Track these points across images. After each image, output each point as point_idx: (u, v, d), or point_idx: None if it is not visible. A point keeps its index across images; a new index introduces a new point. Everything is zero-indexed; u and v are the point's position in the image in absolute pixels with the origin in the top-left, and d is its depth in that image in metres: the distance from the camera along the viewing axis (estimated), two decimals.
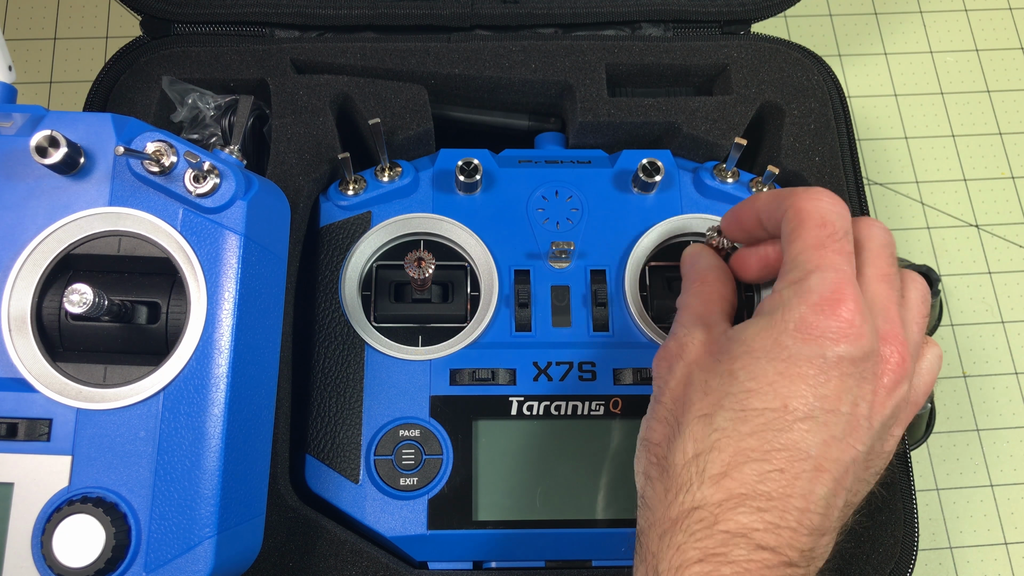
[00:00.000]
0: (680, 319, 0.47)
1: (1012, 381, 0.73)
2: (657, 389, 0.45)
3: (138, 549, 0.41)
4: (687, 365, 0.44)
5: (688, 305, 0.47)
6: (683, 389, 0.43)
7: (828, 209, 0.42)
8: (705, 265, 0.50)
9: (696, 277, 0.49)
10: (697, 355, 0.44)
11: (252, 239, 0.45)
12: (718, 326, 0.45)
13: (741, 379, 0.40)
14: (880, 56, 0.83)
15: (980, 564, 0.68)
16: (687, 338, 0.45)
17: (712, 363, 0.42)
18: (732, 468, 0.39)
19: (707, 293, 0.48)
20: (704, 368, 0.42)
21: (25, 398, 0.42)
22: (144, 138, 0.43)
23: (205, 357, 0.43)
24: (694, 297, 0.48)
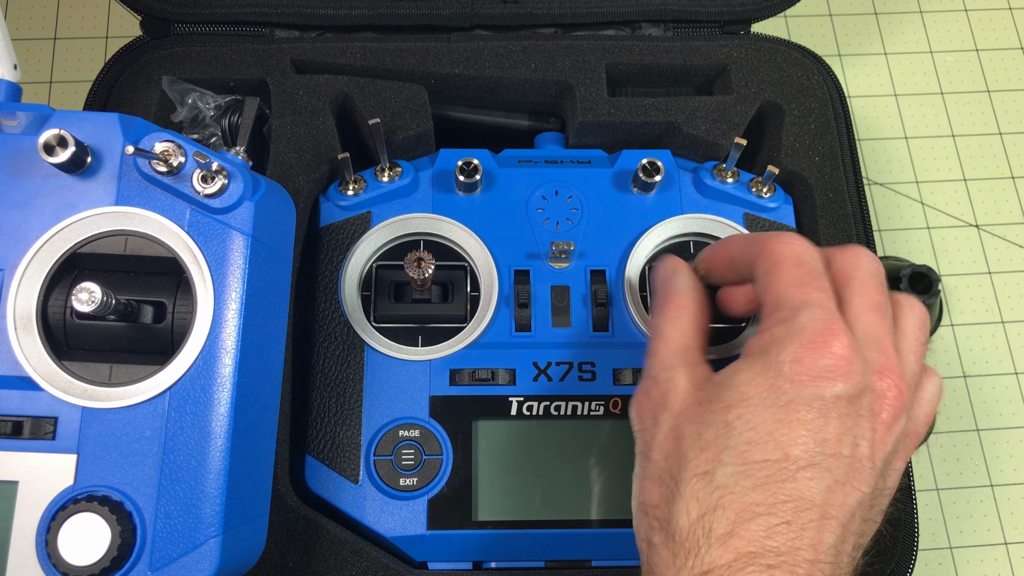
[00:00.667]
0: (656, 353, 0.44)
1: (1012, 381, 0.73)
2: (643, 443, 0.42)
3: (143, 548, 0.41)
4: (674, 416, 0.41)
5: (664, 335, 0.44)
6: (674, 444, 0.40)
7: (802, 251, 0.42)
8: (683, 286, 0.46)
9: (672, 299, 0.46)
10: (684, 404, 0.41)
11: (259, 240, 0.45)
12: (699, 366, 0.43)
13: (738, 430, 0.38)
14: (880, 56, 0.83)
15: (980, 564, 0.68)
16: (669, 384, 0.42)
17: (703, 413, 0.40)
18: (738, 526, 0.37)
19: (684, 322, 0.45)
20: (694, 419, 0.40)
21: (30, 396, 0.42)
22: (152, 138, 0.43)
23: (211, 357, 0.43)
24: (670, 326, 0.45)
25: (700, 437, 0.39)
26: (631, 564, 0.53)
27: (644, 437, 0.42)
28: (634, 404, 0.44)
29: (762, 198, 0.59)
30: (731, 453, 0.38)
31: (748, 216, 0.59)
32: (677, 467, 0.39)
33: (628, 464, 0.53)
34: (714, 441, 0.39)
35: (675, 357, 0.43)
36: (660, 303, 0.47)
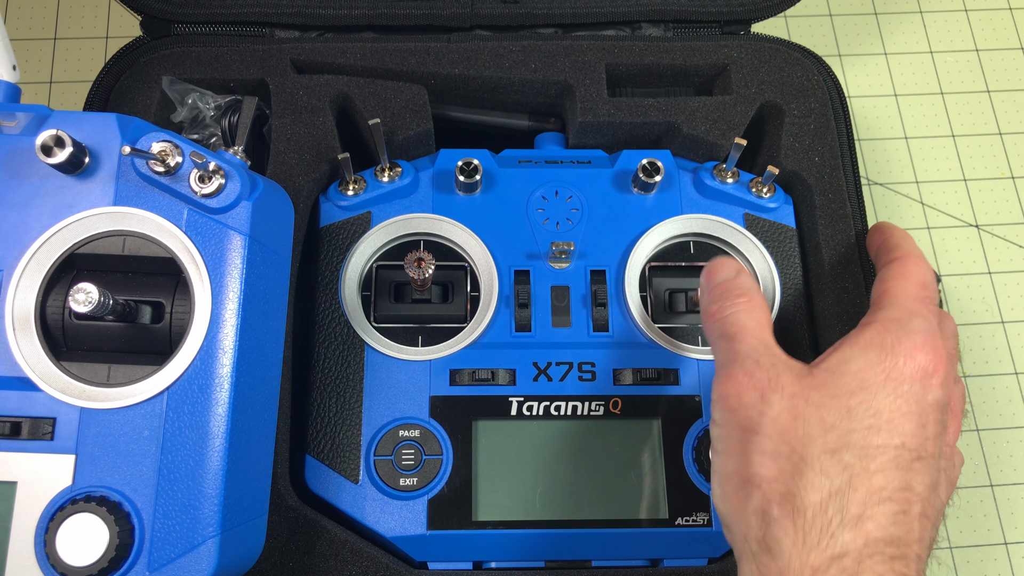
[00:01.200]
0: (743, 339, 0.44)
1: (1012, 381, 0.73)
2: (745, 418, 0.41)
3: (141, 548, 0.41)
4: (789, 397, 0.40)
5: (744, 325, 0.44)
6: (792, 422, 0.40)
7: (931, 279, 0.46)
8: (750, 285, 0.47)
9: (741, 293, 0.46)
10: (796, 387, 0.41)
11: (256, 239, 0.45)
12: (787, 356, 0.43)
13: (860, 415, 0.39)
14: (880, 56, 0.83)
15: (980, 564, 0.68)
16: (776, 369, 0.42)
17: (822, 397, 0.40)
18: (868, 508, 0.37)
19: (761, 317, 0.45)
20: (814, 402, 0.40)
21: (29, 397, 0.42)
22: (149, 138, 0.43)
23: (209, 357, 0.43)
24: (748, 318, 0.45)
25: (823, 419, 0.40)
26: (631, 564, 0.53)
27: (748, 414, 0.41)
28: (729, 384, 0.42)
29: (762, 198, 0.59)
30: (856, 436, 0.39)
31: (748, 216, 0.59)
32: (800, 443, 0.39)
33: (628, 464, 0.53)
34: (837, 424, 0.39)
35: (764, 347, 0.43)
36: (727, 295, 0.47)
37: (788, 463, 0.39)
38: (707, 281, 0.49)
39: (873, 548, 0.36)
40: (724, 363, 0.44)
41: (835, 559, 0.36)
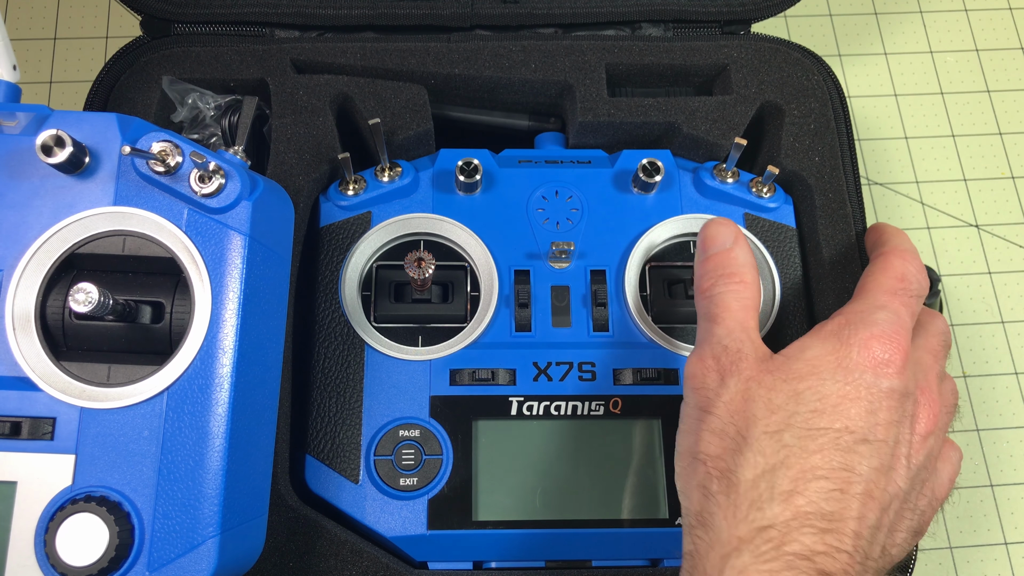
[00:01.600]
0: (721, 321, 0.46)
1: (1012, 381, 0.73)
2: (704, 399, 0.44)
3: (141, 548, 0.41)
4: (744, 380, 0.43)
5: (729, 307, 0.46)
6: (743, 404, 0.42)
7: (913, 272, 0.47)
8: (744, 262, 0.48)
9: (734, 272, 0.48)
10: (753, 371, 0.43)
11: (256, 239, 0.45)
12: (760, 344, 0.45)
13: (807, 398, 0.41)
14: (880, 56, 0.83)
15: (980, 564, 0.68)
16: (739, 354, 0.44)
17: (774, 380, 0.42)
18: (799, 484, 0.39)
19: (747, 298, 0.47)
20: (764, 385, 0.42)
21: (28, 397, 0.42)
22: (149, 138, 0.43)
23: (209, 357, 0.43)
24: (734, 299, 0.47)
25: (771, 401, 0.42)
26: (631, 564, 0.53)
27: (706, 395, 0.44)
28: (697, 364, 0.45)
29: (762, 198, 0.59)
30: (798, 418, 0.41)
31: (748, 216, 0.59)
32: (744, 424, 0.42)
33: (628, 464, 0.53)
34: (783, 406, 0.41)
35: (740, 331, 0.45)
36: (719, 271, 0.48)
37: (732, 442, 0.42)
38: (703, 248, 0.50)
39: (802, 521, 0.38)
40: (700, 342, 0.47)
41: (761, 530, 0.39)
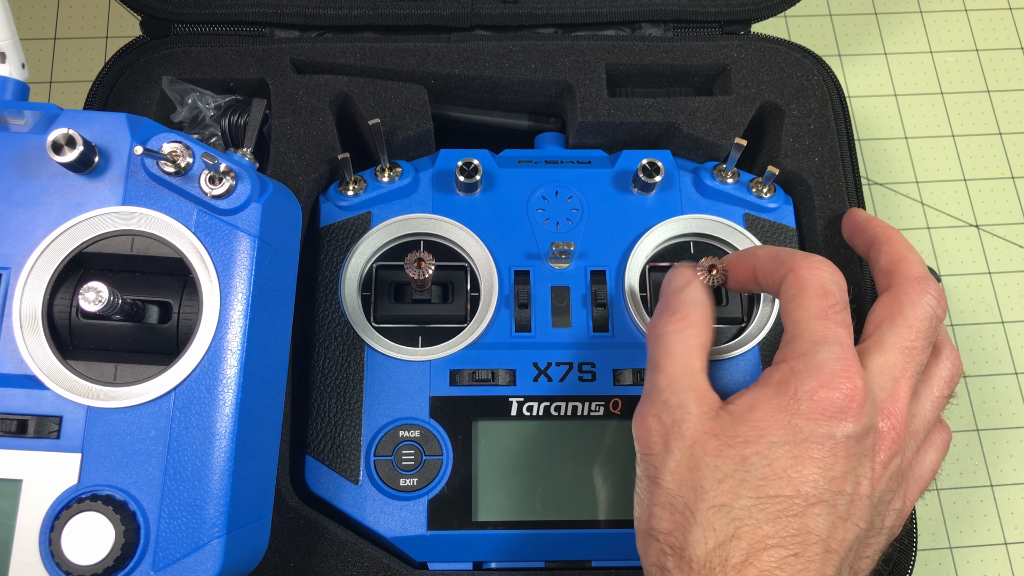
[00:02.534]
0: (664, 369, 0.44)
1: (1012, 381, 0.73)
2: (652, 468, 0.43)
3: (147, 548, 0.41)
4: (688, 446, 0.41)
5: (671, 351, 0.45)
6: (688, 473, 0.41)
7: (828, 279, 0.43)
8: (693, 299, 0.47)
9: (679, 309, 0.46)
10: (697, 434, 0.41)
11: (265, 241, 0.45)
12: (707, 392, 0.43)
13: (755, 465, 0.40)
14: (880, 56, 0.83)
15: (980, 564, 0.68)
16: (682, 412, 0.42)
17: (720, 446, 0.41)
18: (752, 555, 0.38)
19: (691, 338, 0.45)
20: (711, 451, 0.41)
21: (35, 395, 0.42)
22: (160, 138, 0.43)
23: (217, 358, 0.43)
24: (677, 340, 0.45)
25: (717, 469, 0.40)
26: (631, 564, 0.53)
27: (653, 462, 0.42)
28: (641, 426, 0.44)
29: (762, 198, 0.59)
30: (747, 487, 0.39)
31: (748, 216, 0.59)
32: (692, 496, 0.40)
33: (628, 464, 0.53)
34: (731, 474, 0.40)
35: (683, 379, 0.43)
36: (666, 312, 0.47)
37: (681, 517, 0.40)
38: (661, 290, 0.49)
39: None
40: (644, 396, 0.45)
41: None
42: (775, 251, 0.46)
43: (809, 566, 0.38)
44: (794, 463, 0.39)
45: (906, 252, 0.49)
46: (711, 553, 0.39)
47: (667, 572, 0.40)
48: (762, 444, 0.40)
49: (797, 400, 0.40)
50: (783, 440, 0.39)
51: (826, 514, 0.39)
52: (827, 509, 0.39)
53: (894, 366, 0.43)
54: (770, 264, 0.46)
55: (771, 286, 0.46)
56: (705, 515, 0.40)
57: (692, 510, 0.40)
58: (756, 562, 0.38)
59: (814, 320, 0.42)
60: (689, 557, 0.39)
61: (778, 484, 0.39)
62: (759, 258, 0.47)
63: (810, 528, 0.39)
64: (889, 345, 0.44)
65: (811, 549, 0.39)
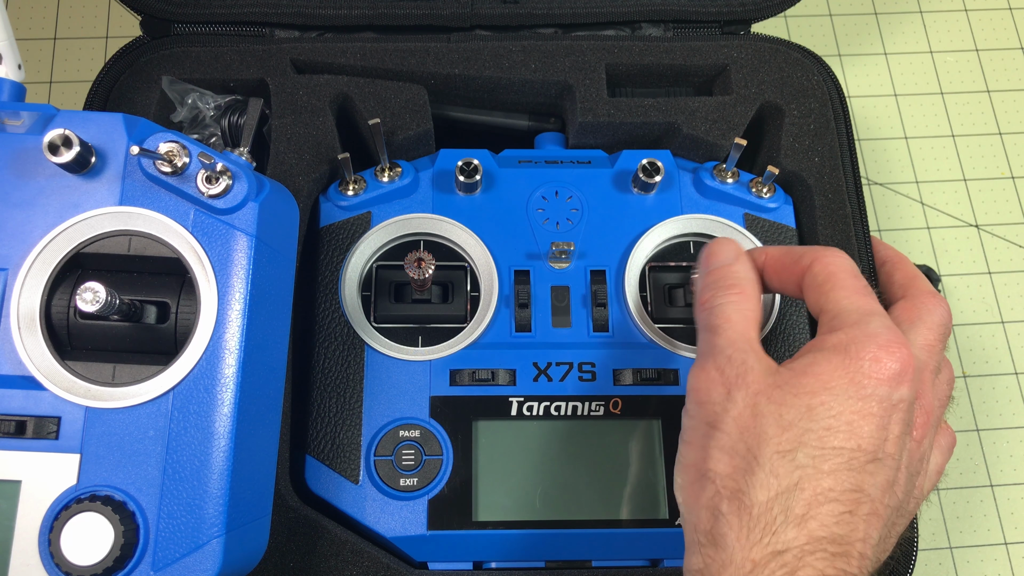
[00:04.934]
0: (723, 332, 0.44)
1: (1012, 381, 0.73)
2: (711, 415, 0.42)
3: (146, 548, 0.41)
4: (752, 395, 0.41)
5: (730, 319, 0.45)
6: (752, 420, 0.41)
7: (852, 265, 0.45)
8: (745, 275, 0.47)
9: (734, 284, 0.47)
10: (761, 385, 0.41)
11: (263, 240, 0.45)
12: (764, 355, 0.43)
13: (820, 415, 0.40)
14: (880, 56, 0.83)
15: (980, 564, 0.68)
16: (745, 366, 0.42)
17: (784, 395, 0.40)
18: (813, 508, 0.38)
19: (748, 310, 0.46)
20: (776, 400, 0.41)
21: (33, 396, 0.42)
22: (156, 138, 0.43)
23: (215, 357, 0.43)
24: (735, 310, 0.45)
25: (782, 417, 0.40)
26: (631, 564, 0.53)
27: (713, 409, 0.42)
28: (701, 377, 0.44)
29: (762, 198, 0.59)
30: (812, 436, 0.39)
31: (748, 216, 0.59)
32: (756, 442, 0.40)
33: (628, 464, 0.53)
34: (796, 422, 0.40)
35: (742, 342, 0.44)
36: (720, 285, 0.47)
37: (742, 461, 0.40)
38: (705, 264, 0.49)
39: (815, 546, 0.38)
40: (702, 354, 0.45)
41: (776, 555, 0.38)
42: (785, 248, 0.48)
43: (859, 525, 0.39)
44: (857, 417, 0.39)
45: (917, 273, 0.52)
46: (772, 500, 0.39)
47: (720, 515, 0.40)
48: (827, 395, 0.40)
49: (859, 359, 0.40)
50: (847, 393, 0.40)
51: (879, 473, 0.39)
52: (880, 468, 0.39)
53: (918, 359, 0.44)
54: (785, 259, 0.47)
55: (786, 279, 0.47)
56: (769, 460, 0.39)
57: (755, 455, 0.40)
58: (816, 515, 0.38)
59: (856, 296, 0.43)
60: (750, 502, 0.39)
61: (841, 436, 0.39)
62: (769, 255, 0.48)
63: (864, 486, 0.39)
64: (912, 341, 0.45)
65: (862, 507, 0.39)
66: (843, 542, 0.38)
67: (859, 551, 0.38)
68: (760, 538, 0.38)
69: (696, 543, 0.41)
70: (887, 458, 0.40)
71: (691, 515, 0.42)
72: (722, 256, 0.49)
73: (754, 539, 0.38)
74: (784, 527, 0.38)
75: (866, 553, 0.39)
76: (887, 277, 0.54)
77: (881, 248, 0.57)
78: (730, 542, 0.39)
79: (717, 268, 0.48)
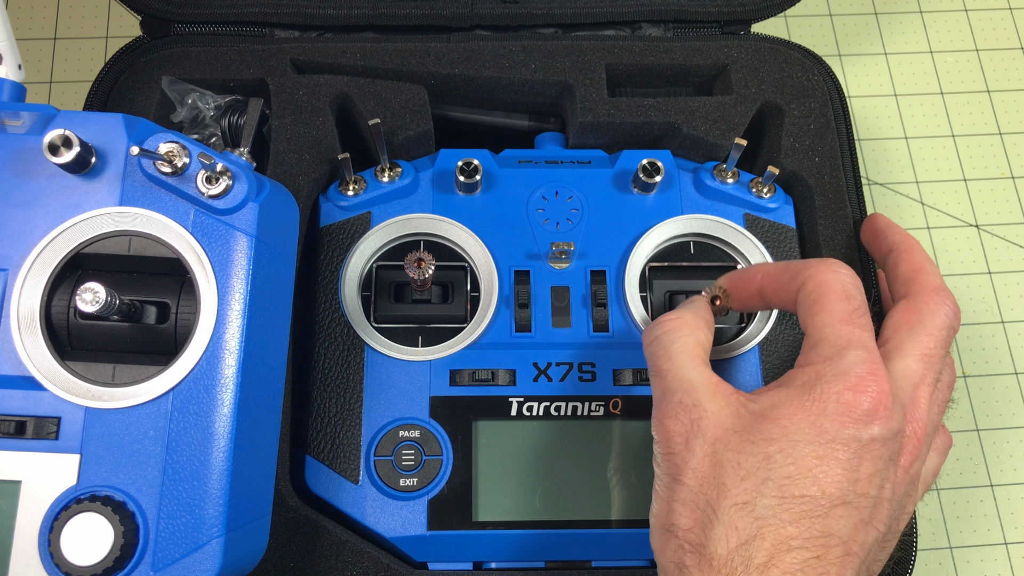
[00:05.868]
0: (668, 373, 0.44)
1: (1012, 381, 0.73)
2: (673, 466, 0.42)
3: (146, 548, 0.41)
4: (710, 443, 0.41)
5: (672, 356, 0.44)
6: (711, 470, 0.40)
7: (849, 283, 0.43)
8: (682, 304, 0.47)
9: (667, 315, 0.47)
10: (719, 431, 0.41)
11: (263, 241, 0.45)
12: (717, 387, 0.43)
13: (779, 463, 0.39)
14: (880, 56, 0.83)
15: (980, 564, 0.68)
16: (698, 410, 0.42)
17: (742, 443, 0.40)
18: (775, 556, 0.38)
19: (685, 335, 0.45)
20: (734, 448, 0.40)
21: (33, 396, 0.42)
22: (156, 139, 0.43)
23: (215, 358, 0.43)
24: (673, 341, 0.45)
25: (740, 466, 0.40)
26: (631, 564, 0.53)
27: (675, 460, 0.42)
28: (661, 427, 0.43)
29: (762, 198, 0.59)
30: (771, 485, 0.39)
31: (748, 216, 0.59)
32: (715, 494, 0.40)
33: (628, 464, 0.53)
34: (754, 472, 0.39)
35: (689, 377, 0.43)
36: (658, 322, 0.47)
37: (702, 514, 0.40)
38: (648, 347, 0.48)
39: None
40: (655, 401, 0.45)
41: None
42: (782, 264, 0.47)
43: (830, 569, 0.38)
44: (819, 463, 0.39)
45: (925, 263, 0.49)
46: (733, 552, 0.38)
47: (685, 569, 0.40)
48: (786, 442, 0.39)
49: (823, 401, 0.39)
50: (808, 439, 0.39)
51: (849, 516, 0.39)
52: (850, 511, 0.39)
53: (914, 372, 0.43)
54: (782, 276, 0.46)
55: (785, 297, 0.46)
56: (727, 513, 0.39)
57: (714, 508, 0.40)
58: (779, 563, 0.38)
59: (838, 324, 0.42)
60: (710, 555, 0.39)
61: (803, 483, 0.39)
62: (765, 273, 0.47)
63: (833, 530, 0.38)
64: (909, 351, 0.44)
65: (833, 552, 0.38)
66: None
67: None
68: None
69: None
70: (859, 499, 0.39)
71: (661, 568, 0.42)
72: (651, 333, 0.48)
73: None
74: None
75: None
76: (892, 269, 0.51)
77: (890, 233, 0.53)
78: None
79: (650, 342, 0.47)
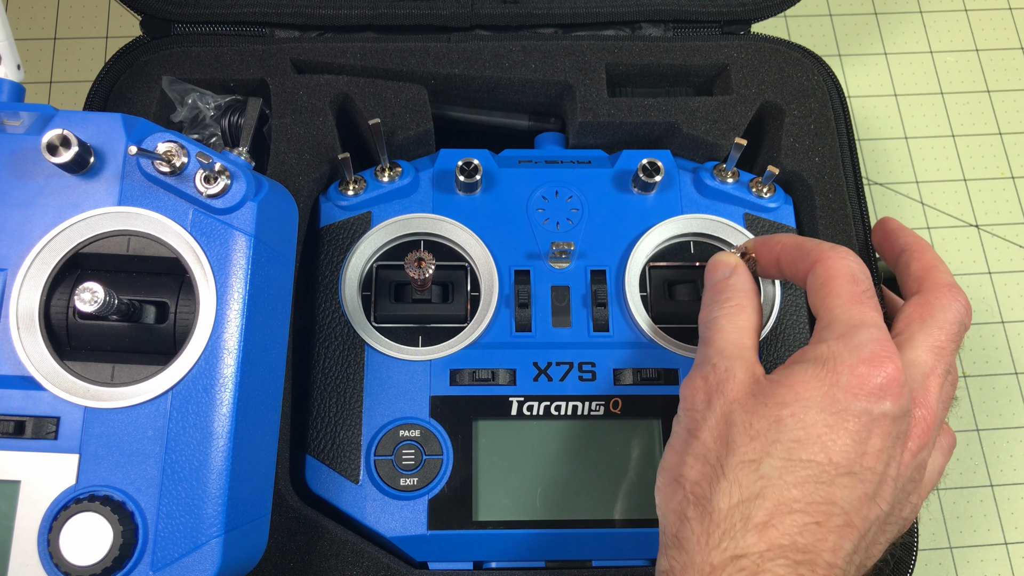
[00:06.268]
0: (713, 343, 0.46)
1: (1012, 381, 0.73)
2: (692, 422, 0.43)
3: (145, 548, 0.41)
4: (728, 403, 0.42)
5: (723, 329, 0.46)
6: (725, 428, 0.42)
7: (856, 267, 0.44)
8: (742, 287, 0.48)
9: (731, 297, 0.48)
10: (739, 394, 0.42)
11: (261, 240, 0.45)
12: (755, 364, 0.44)
13: (789, 427, 0.40)
14: (880, 56, 0.83)
15: (980, 564, 0.68)
16: (727, 373, 0.43)
17: (756, 405, 0.41)
18: (775, 517, 0.39)
19: (743, 321, 0.46)
20: (747, 409, 0.41)
21: (32, 396, 0.42)
22: (155, 138, 0.43)
23: (214, 357, 0.43)
24: (729, 321, 0.46)
25: (751, 427, 0.41)
26: (631, 564, 0.53)
27: (694, 416, 0.43)
28: (688, 385, 0.45)
29: (762, 198, 0.59)
30: (779, 447, 0.40)
31: (748, 216, 0.59)
32: (725, 451, 0.41)
33: (628, 464, 0.53)
34: (764, 433, 0.40)
35: (732, 349, 0.45)
36: (716, 300, 0.48)
37: (711, 469, 0.41)
38: (706, 279, 0.50)
39: (776, 552, 0.38)
40: (694, 364, 0.46)
41: (734, 559, 0.38)
42: (799, 240, 0.48)
43: (828, 536, 0.39)
44: (829, 431, 0.39)
45: (936, 261, 0.51)
46: (733, 508, 0.39)
47: (686, 520, 0.41)
48: (798, 407, 0.40)
49: (837, 373, 0.40)
50: (820, 407, 0.40)
51: (853, 487, 0.39)
52: (855, 482, 0.39)
53: (924, 363, 0.44)
54: (795, 253, 0.47)
55: (796, 274, 0.47)
56: (733, 470, 0.40)
57: (722, 463, 0.41)
58: (778, 524, 0.39)
59: (849, 305, 0.43)
60: (712, 508, 0.40)
61: (811, 448, 0.39)
62: (784, 246, 0.48)
63: (836, 499, 0.39)
64: (920, 343, 0.45)
65: (833, 520, 0.39)
66: (808, 551, 0.38)
67: (827, 560, 0.39)
68: (719, 543, 0.39)
69: (665, 545, 0.42)
70: (865, 472, 0.40)
71: (663, 518, 0.43)
72: (719, 271, 0.50)
73: (713, 543, 0.39)
74: (743, 533, 0.39)
75: (835, 563, 0.39)
76: (904, 268, 0.52)
77: (902, 235, 0.54)
78: (691, 546, 0.40)
79: (714, 284, 0.49)
